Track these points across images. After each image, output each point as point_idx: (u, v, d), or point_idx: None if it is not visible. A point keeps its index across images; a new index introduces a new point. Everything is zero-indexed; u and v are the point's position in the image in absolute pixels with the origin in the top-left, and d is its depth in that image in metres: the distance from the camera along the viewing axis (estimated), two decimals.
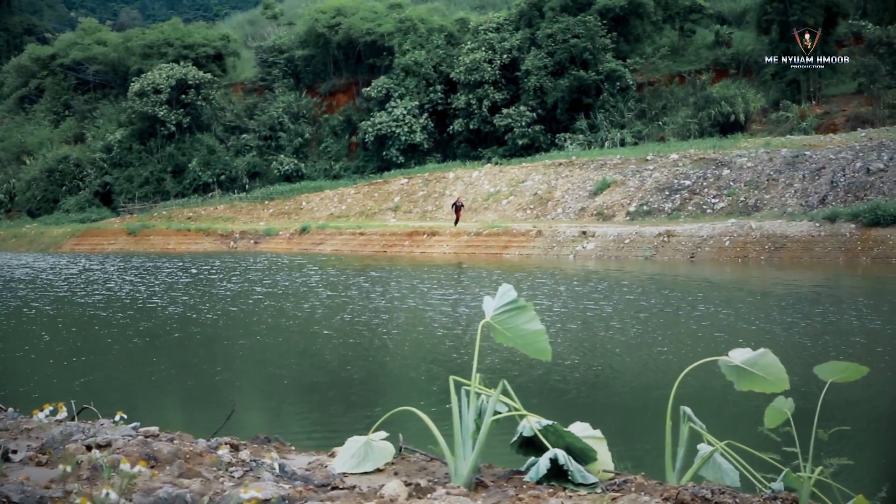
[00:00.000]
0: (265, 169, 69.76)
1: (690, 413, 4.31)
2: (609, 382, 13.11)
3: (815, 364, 4.26)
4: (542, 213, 47.54)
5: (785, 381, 4.12)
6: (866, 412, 10.68)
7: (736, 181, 41.87)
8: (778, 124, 51.79)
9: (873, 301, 21.59)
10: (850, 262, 31.92)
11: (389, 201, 56.46)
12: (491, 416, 4.00)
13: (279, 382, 13.97)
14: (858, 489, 3.82)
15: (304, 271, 34.65)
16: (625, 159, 48.22)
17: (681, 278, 29.45)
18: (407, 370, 14.69)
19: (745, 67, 60.16)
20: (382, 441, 4.23)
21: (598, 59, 58.52)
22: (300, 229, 53.81)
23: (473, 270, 33.33)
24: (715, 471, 4.20)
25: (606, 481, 3.96)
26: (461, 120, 62.86)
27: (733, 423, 9.10)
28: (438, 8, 75.20)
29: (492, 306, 4.28)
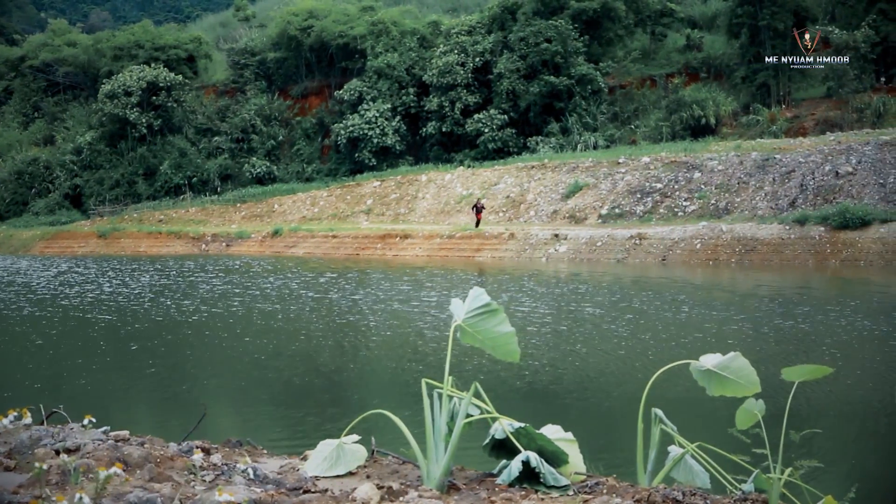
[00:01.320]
0: (237, 171, 69.43)
1: (662, 415, 4.33)
2: (581, 385, 13.15)
3: (784, 366, 4.29)
4: (514, 215, 47.62)
5: (756, 384, 4.15)
6: (835, 414, 10.76)
7: (707, 184, 42.11)
8: (748, 128, 52.14)
9: (842, 303, 21.77)
10: (819, 265, 32.17)
11: (362, 204, 56.37)
12: (463, 418, 4.00)
13: (251, 386, 13.91)
14: (827, 490, 3.85)
15: (276, 274, 34.54)
16: (597, 162, 48.38)
17: (652, 281, 29.57)
18: (379, 373, 14.68)
19: (716, 71, 60.55)
20: (355, 444, 4.23)
21: (571, 62, 58.70)
22: (272, 232, 53.62)
23: (450, 273, 33.34)
24: (686, 472, 4.22)
25: (578, 483, 3.97)
26: (434, 123, 62.84)
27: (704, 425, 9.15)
28: (411, 11, 75.21)
29: (463, 309, 4.29)
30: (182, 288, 29.46)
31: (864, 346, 15.45)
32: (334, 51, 70.50)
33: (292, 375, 14.49)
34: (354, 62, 68.75)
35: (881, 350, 15.16)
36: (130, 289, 29.38)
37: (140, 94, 68.65)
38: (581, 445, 4.29)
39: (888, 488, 8.27)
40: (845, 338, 16.17)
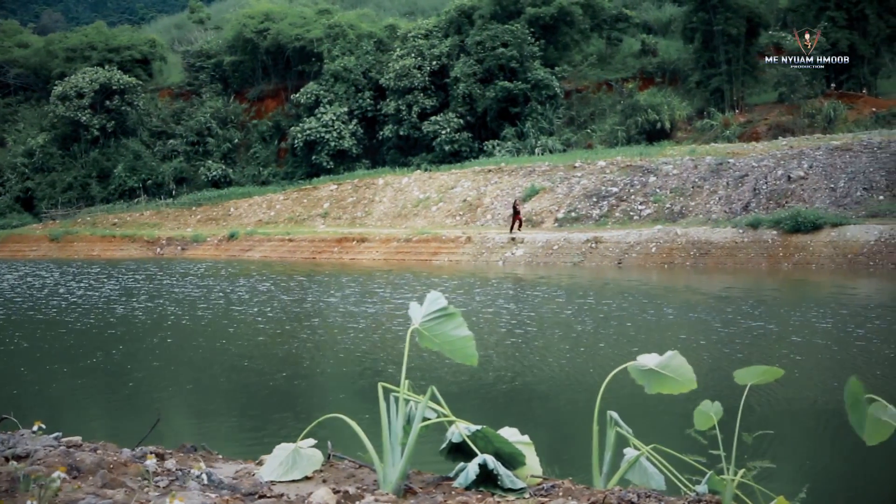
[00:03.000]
0: (193, 175, 68.95)
1: (617, 418, 4.36)
2: (538, 388, 13.19)
3: (737, 367, 4.33)
4: (471, 219, 47.69)
5: (693, 380, 4.19)
6: (787, 415, 10.88)
7: (662, 188, 42.43)
8: (703, 132, 52.64)
9: (793, 306, 22.04)
10: (772, 268, 32.53)
11: (318, 207, 56.17)
12: (419, 422, 4.00)
13: (207, 390, 13.81)
14: (779, 491, 3.89)
15: (232, 278, 34.33)
16: (553, 166, 48.59)
17: (608, 284, 29.75)
18: (336, 377, 14.63)
19: (671, 76, 61.14)
20: (311, 448, 4.21)
21: (527, 66, 58.93)
22: (228, 236, 53.27)
23: (404, 277, 33.30)
24: (641, 474, 4.25)
25: (535, 486, 3.98)
26: (391, 126, 62.80)
27: (659, 428, 9.22)
28: (368, 14, 75.17)
29: (420, 313, 4.29)
30: (136, 292, 29.19)
31: (815, 347, 15.64)
32: (291, 54, 70.27)
33: (248, 380, 14.41)
34: (311, 65, 68.54)
35: (831, 351, 15.37)
36: (83, 293, 29.06)
37: (93, 97, 67.92)
38: (538, 448, 4.31)
39: (838, 488, 8.38)
40: (797, 340, 16.37)
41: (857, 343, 15.96)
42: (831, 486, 8.39)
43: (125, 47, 75.76)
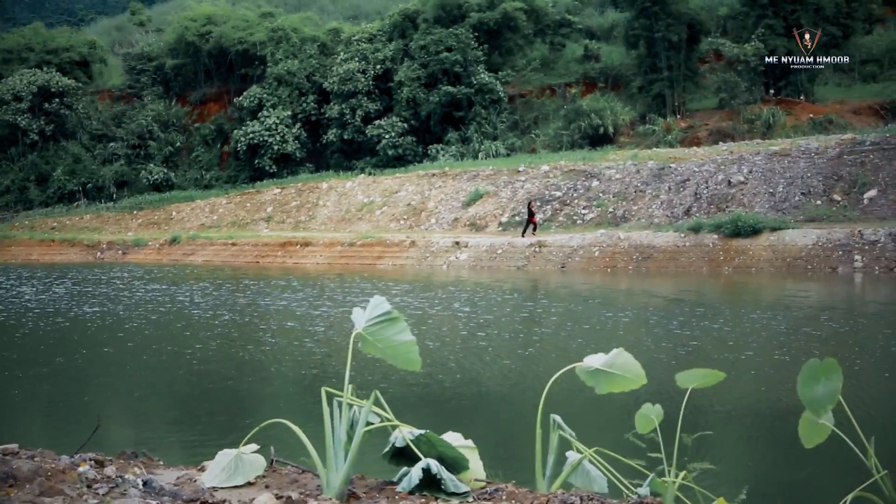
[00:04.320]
0: (134, 178, 68.17)
1: (560, 421, 4.38)
2: (482, 392, 13.22)
3: (677, 371, 4.38)
4: (415, 223, 47.68)
5: (642, 375, 4.23)
6: (727, 417, 11.01)
7: (605, 192, 42.77)
8: (645, 137, 53.18)
9: (733, 309, 22.32)
10: (713, 272, 32.93)
11: (262, 211, 55.84)
12: (363, 426, 3.99)
13: (148, 396, 13.65)
14: (720, 492, 3.94)
15: (174, 282, 33.97)
16: (497, 170, 48.77)
17: (552, 288, 29.91)
18: (279, 382, 14.54)
19: (614, 81, 61.72)
20: (253, 454, 4.18)
21: (471, 71, 59.10)
22: (170, 240, 52.71)
23: (350, 281, 33.19)
24: (584, 477, 4.28)
25: (478, 490, 3.99)
26: (335, 130, 62.61)
27: (602, 431, 9.28)
28: (311, 18, 74.92)
29: (363, 317, 4.28)
30: (75, 296, 28.77)
31: (754, 349, 15.85)
32: (233, 57, 69.83)
33: (190, 385, 14.27)
34: (254, 69, 68.15)
35: (770, 353, 15.58)
36: (21, 297, 28.57)
37: (31, 99, 66.94)
38: (481, 452, 4.31)
39: (777, 489, 8.50)
40: (736, 342, 16.58)
41: (797, 345, 16.22)
42: (770, 487, 8.51)
43: (64, 49, 74.67)
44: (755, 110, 50.79)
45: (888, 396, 12.38)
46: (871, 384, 12.99)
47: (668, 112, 55.18)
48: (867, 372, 13.74)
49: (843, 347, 15.89)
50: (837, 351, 15.49)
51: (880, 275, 29.95)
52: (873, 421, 10.42)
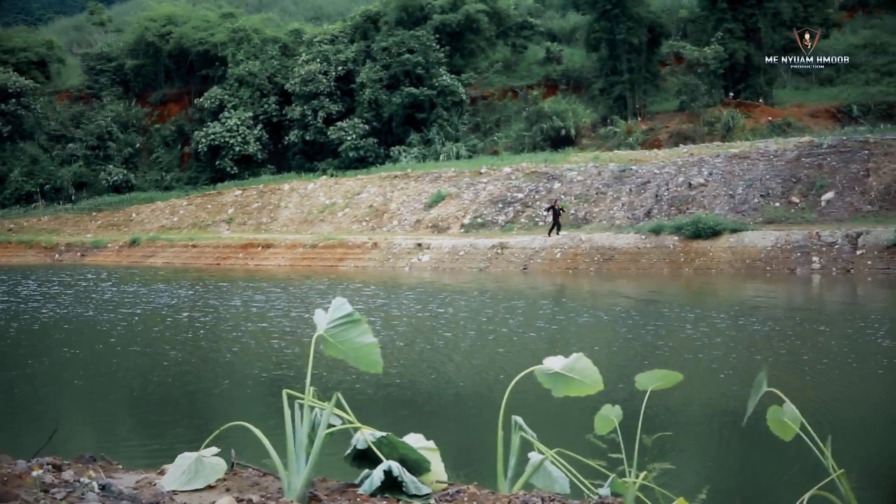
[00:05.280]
0: (93, 179, 67.55)
1: (522, 422, 4.39)
2: (444, 393, 13.23)
3: (638, 371, 4.41)
4: (377, 225, 47.62)
5: (599, 382, 4.25)
6: (687, 418, 11.09)
7: (567, 194, 42.94)
8: (606, 139, 53.48)
9: (693, 310, 22.49)
10: (674, 273, 33.16)
11: (223, 213, 55.51)
12: (324, 429, 3.98)
13: (108, 399, 13.53)
14: (680, 492, 3.97)
15: (134, 284, 33.68)
16: (459, 172, 48.81)
17: (514, 289, 29.97)
18: (241, 385, 14.46)
19: (575, 83, 62.02)
20: (214, 457, 4.15)
21: (433, 73, 59.15)
22: (130, 241, 52.28)
23: (312, 283, 33.07)
24: (545, 479, 4.29)
25: (440, 492, 3.99)
26: (296, 131, 62.42)
27: (564, 432, 9.32)
28: (272, 19, 74.67)
29: (325, 319, 4.26)
30: (33, 298, 28.43)
31: (715, 350, 15.98)
32: (194, 58, 69.40)
33: (151, 388, 14.15)
34: (215, 70, 67.77)
35: (729, 355, 15.71)
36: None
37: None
38: (443, 454, 4.32)
39: (736, 488, 8.58)
40: (697, 343, 16.70)
41: (757, 346, 16.37)
42: (730, 486, 8.59)
43: (21, 49, 73.86)
44: (715, 113, 51.24)
45: (846, 396, 12.53)
46: (830, 384, 13.15)
47: (629, 114, 55.52)
48: (826, 372, 13.90)
49: (801, 348, 16.06)
50: (796, 351, 15.66)
51: (837, 276, 30.30)
52: (831, 420, 10.55)
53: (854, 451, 9.35)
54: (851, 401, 12.36)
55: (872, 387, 13.32)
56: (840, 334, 17.84)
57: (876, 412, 11.86)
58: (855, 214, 35.30)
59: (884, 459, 9.48)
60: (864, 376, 13.78)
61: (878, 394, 12.96)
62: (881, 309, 23.00)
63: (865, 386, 13.30)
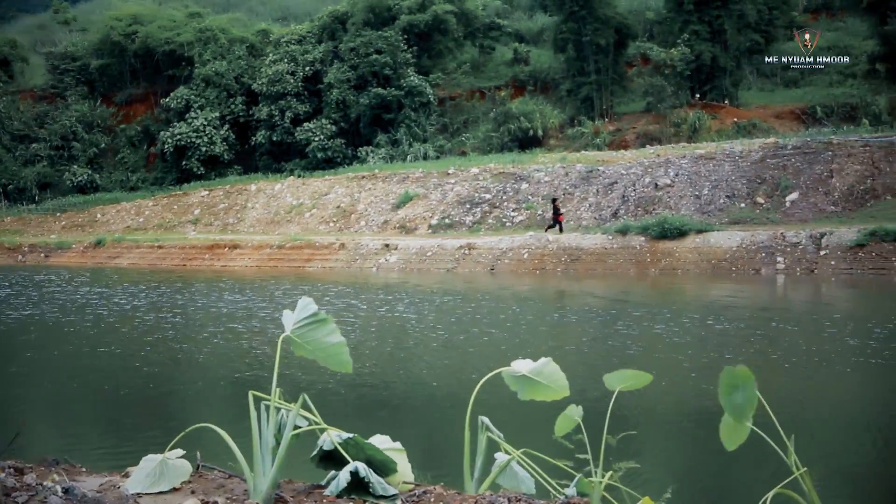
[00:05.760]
0: (57, 180, 66.95)
1: (488, 423, 4.40)
2: (411, 394, 13.22)
3: (606, 371, 4.42)
4: (345, 225, 47.52)
5: (566, 387, 4.26)
6: (652, 417, 11.15)
7: (534, 195, 43.05)
8: (573, 140, 53.68)
9: (660, 310, 22.62)
10: (640, 274, 33.32)
11: (189, 214, 55.19)
12: (291, 430, 3.97)
13: (71, 401, 13.41)
14: (646, 491, 3.99)
15: (99, 285, 33.41)
16: (427, 173, 48.81)
17: (481, 289, 30.00)
18: (207, 386, 14.38)
19: (543, 84, 62.22)
20: (179, 459, 4.13)
21: (401, 73, 59.13)
22: (95, 242, 51.85)
23: (279, 283, 32.95)
24: (512, 479, 4.30)
25: (406, 493, 3.99)
26: (263, 132, 62.19)
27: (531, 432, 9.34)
28: (239, 19, 74.37)
29: (291, 320, 4.25)
30: None
31: (680, 350, 16.08)
32: (160, 57, 68.98)
33: (117, 390, 14.04)
34: (181, 69, 67.38)
35: (693, 355, 15.81)
36: None
37: None
38: (410, 454, 4.31)
39: (701, 487, 8.64)
40: (663, 343, 16.79)
41: (722, 346, 16.49)
42: (695, 485, 8.65)
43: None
44: (681, 114, 51.59)
45: (810, 396, 12.65)
46: (795, 383, 13.27)
47: (596, 115, 55.77)
48: (791, 371, 14.02)
49: (767, 348, 16.19)
50: (762, 351, 15.79)
51: (801, 276, 30.58)
52: (795, 419, 10.65)
53: (818, 449, 9.44)
54: (816, 400, 12.48)
55: (837, 386, 13.45)
56: (805, 334, 18.00)
57: (840, 411, 11.98)
58: (819, 215, 35.65)
59: (847, 458, 9.58)
60: (829, 375, 13.92)
61: (842, 393, 13.08)
62: (846, 309, 23.25)
63: (830, 385, 13.43)
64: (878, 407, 12.15)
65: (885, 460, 9.42)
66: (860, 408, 12.26)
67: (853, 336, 17.02)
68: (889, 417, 11.33)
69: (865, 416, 11.60)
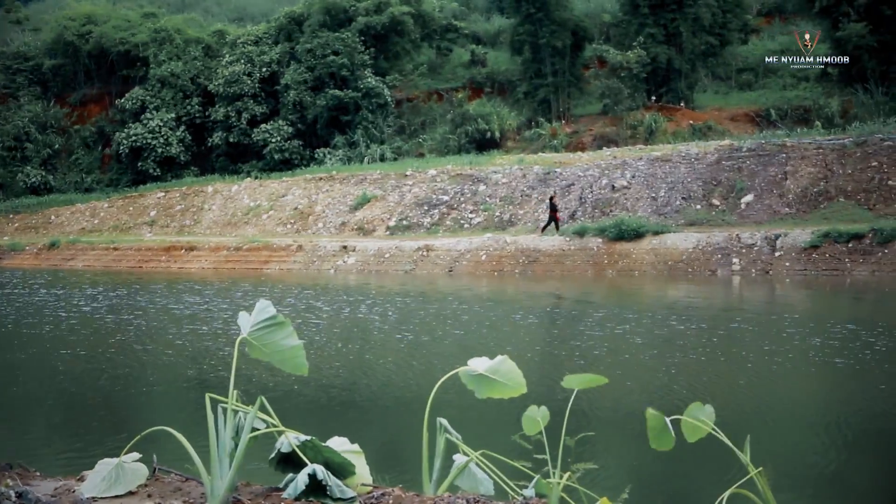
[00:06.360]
0: (10, 181, 66.04)
1: (447, 424, 4.40)
2: (369, 396, 13.19)
3: (566, 371, 4.45)
4: (302, 227, 47.36)
5: (523, 385, 4.26)
6: (610, 418, 11.21)
7: (492, 197, 43.15)
8: (531, 142, 53.85)
9: (618, 311, 22.76)
10: (597, 275, 33.51)
11: (145, 215, 54.72)
12: (248, 433, 3.95)
13: (25, 405, 13.24)
14: (604, 492, 4.02)
15: (55, 288, 33.02)
16: (385, 174, 48.76)
17: (439, 291, 30.03)
18: (164, 389, 14.26)
19: (500, 86, 62.38)
20: (135, 463, 4.09)
21: (358, 75, 59.01)
22: (49, 244, 51.25)
23: (236, 285, 32.75)
24: (470, 480, 4.30)
25: (365, 495, 3.98)
26: (220, 133, 61.79)
27: (489, 433, 9.37)
28: (195, 19, 73.81)
29: (249, 322, 4.23)
30: None
31: (636, 352, 16.19)
32: (115, 58, 68.32)
33: (72, 393, 13.89)
34: (136, 70, 66.77)
35: (650, 356, 15.93)
36: None
37: None
38: (368, 456, 4.30)
39: (658, 487, 8.70)
40: (620, 344, 16.89)
41: (678, 346, 16.62)
42: (652, 485, 8.70)
43: None
44: (637, 116, 51.93)
45: (766, 396, 12.77)
46: (752, 383, 13.41)
47: (553, 117, 55.99)
48: (747, 372, 14.16)
49: (724, 349, 16.34)
50: (718, 352, 15.93)
51: (756, 277, 30.92)
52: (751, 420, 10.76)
53: (774, 449, 9.54)
54: (772, 400, 12.60)
55: (792, 386, 13.60)
56: (762, 335, 18.19)
57: (795, 411, 12.11)
58: (773, 216, 36.06)
59: (802, 457, 9.70)
60: (784, 375, 14.07)
61: (796, 393, 13.24)
62: (802, 310, 23.53)
63: (786, 385, 13.58)
64: (832, 406, 12.30)
65: (839, 459, 9.54)
66: (815, 407, 12.41)
67: (810, 336, 17.22)
68: (843, 416, 11.48)
69: (820, 416, 11.74)
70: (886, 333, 17.13)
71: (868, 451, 10.02)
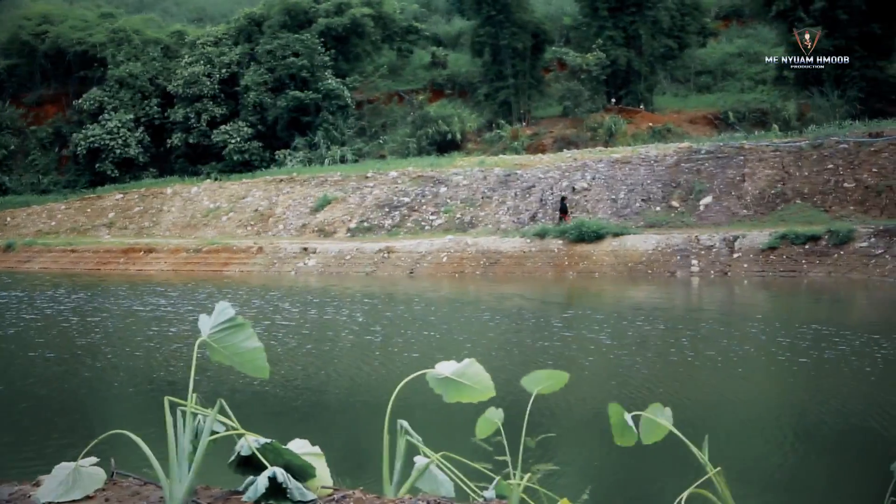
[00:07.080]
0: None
1: (407, 426, 4.39)
2: (330, 398, 13.15)
3: (525, 373, 4.45)
4: (263, 229, 47.14)
5: (491, 388, 4.26)
6: (573, 418, 11.25)
7: (452, 198, 43.18)
8: (492, 144, 53.97)
9: (576, 312, 22.86)
10: (558, 277, 33.62)
11: (103, 217, 54.18)
12: (207, 436, 3.92)
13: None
14: (564, 493, 4.03)
15: (11, 290, 32.60)
16: (345, 176, 48.66)
17: (400, 293, 30.00)
18: (122, 392, 14.13)
19: (461, 88, 62.49)
20: (93, 467, 4.05)
21: (318, 76, 58.89)
22: (5, 246, 50.56)
23: (195, 288, 32.52)
24: (431, 482, 4.29)
25: (325, 497, 3.97)
26: (179, 134, 61.38)
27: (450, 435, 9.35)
28: (154, 20, 73.25)
29: (208, 324, 4.20)
30: None
31: (596, 353, 16.26)
32: (72, 58, 67.61)
33: (28, 397, 13.72)
34: (94, 70, 66.13)
35: (607, 357, 16.01)
36: None
37: None
38: (329, 459, 4.29)
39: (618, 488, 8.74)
40: (581, 344, 16.96)
41: (639, 346, 16.72)
42: (612, 486, 8.75)
43: None
44: (598, 118, 52.20)
45: (724, 396, 12.88)
46: (709, 384, 13.51)
47: (514, 119, 56.18)
48: (706, 372, 14.27)
49: (684, 348, 16.45)
50: (680, 352, 16.04)
51: (715, 278, 31.18)
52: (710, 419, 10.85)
53: (733, 449, 9.62)
54: (730, 400, 12.71)
55: (750, 386, 13.73)
56: (721, 335, 18.35)
57: (752, 410, 12.22)
58: (732, 218, 36.41)
59: (760, 456, 9.78)
60: (742, 376, 14.19)
61: (754, 392, 13.36)
62: (764, 311, 23.73)
63: (744, 385, 13.70)
64: (792, 406, 12.43)
65: (797, 458, 9.64)
66: (775, 407, 12.53)
67: (771, 337, 17.39)
68: (803, 416, 11.60)
69: (779, 415, 11.86)
70: (845, 334, 17.33)
71: (827, 451, 10.13)
